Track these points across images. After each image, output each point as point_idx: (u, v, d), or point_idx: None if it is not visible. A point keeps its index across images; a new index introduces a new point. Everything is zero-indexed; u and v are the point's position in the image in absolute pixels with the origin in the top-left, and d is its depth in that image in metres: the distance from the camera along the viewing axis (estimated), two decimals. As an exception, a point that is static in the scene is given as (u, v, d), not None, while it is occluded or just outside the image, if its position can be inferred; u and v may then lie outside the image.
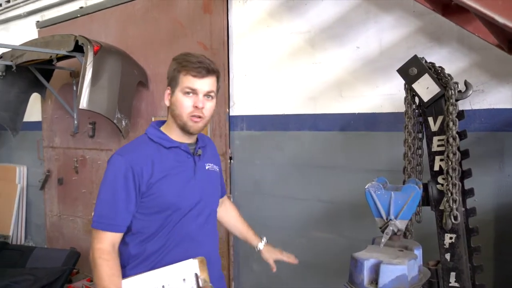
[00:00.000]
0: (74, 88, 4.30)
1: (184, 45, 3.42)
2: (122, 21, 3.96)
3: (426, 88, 1.80)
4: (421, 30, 2.38)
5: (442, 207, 1.77)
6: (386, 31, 2.51)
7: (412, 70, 1.83)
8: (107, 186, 1.57)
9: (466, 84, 1.81)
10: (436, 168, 1.81)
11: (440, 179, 1.80)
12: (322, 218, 2.82)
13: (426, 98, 1.81)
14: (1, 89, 4.20)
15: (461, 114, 1.77)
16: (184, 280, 1.46)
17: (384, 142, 2.53)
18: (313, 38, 2.81)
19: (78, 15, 4.31)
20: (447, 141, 1.73)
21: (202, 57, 1.60)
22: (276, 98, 3.01)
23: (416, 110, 1.90)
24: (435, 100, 1.78)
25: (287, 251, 2.97)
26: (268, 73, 3.04)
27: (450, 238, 1.78)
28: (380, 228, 1.57)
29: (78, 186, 4.43)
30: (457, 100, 1.76)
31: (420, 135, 1.94)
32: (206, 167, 1.73)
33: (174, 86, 1.61)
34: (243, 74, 3.18)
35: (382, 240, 1.52)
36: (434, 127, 1.81)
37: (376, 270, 1.40)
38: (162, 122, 1.73)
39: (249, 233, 2.04)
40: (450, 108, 1.72)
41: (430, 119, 1.81)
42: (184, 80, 1.57)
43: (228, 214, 2.07)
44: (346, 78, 2.68)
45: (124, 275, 1.53)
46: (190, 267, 1.48)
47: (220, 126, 3.29)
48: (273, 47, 3.00)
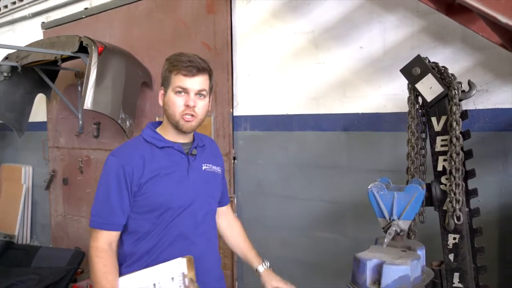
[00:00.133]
0: (79, 88, 4.33)
1: (188, 45, 3.43)
2: (127, 21, 3.97)
3: (430, 88, 1.79)
4: (424, 29, 2.38)
5: (445, 208, 1.77)
6: (390, 31, 2.50)
7: (415, 70, 1.82)
8: (101, 186, 1.60)
9: (470, 83, 1.80)
10: (439, 168, 1.80)
11: (443, 179, 1.79)
12: (325, 218, 2.81)
13: (429, 98, 1.80)
14: (6, 90, 4.24)
15: (464, 114, 1.76)
16: (172, 279, 1.46)
17: (387, 142, 2.53)
18: (316, 38, 2.81)
19: (83, 16, 4.33)
20: (451, 141, 1.72)
21: (193, 56, 1.60)
22: (279, 98, 3.01)
23: (419, 110, 1.90)
24: (439, 100, 1.78)
25: (290, 251, 3.01)
26: (271, 73, 3.04)
27: (454, 239, 1.77)
28: (383, 228, 1.56)
29: (82, 186, 4.46)
30: (460, 100, 1.75)
31: (423, 135, 1.93)
32: (203, 167, 1.70)
33: (166, 86, 1.62)
34: (247, 74, 3.18)
35: (385, 240, 1.52)
36: (437, 127, 1.80)
37: (378, 271, 1.39)
38: (159, 123, 1.74)
39: (251, 252, 1.91)
40: (454, 108, 1.71)
41: (434, 119, 1.81)
42: (175, 79, 1.58)
43: (231, 230, 1.96)
44: (350, 78, 2.68)
45: (120, 273, 1.56)
46: (178, 266, 1.47)
47: (223, 126, 3.30)
48: (276, 47, 3.00)
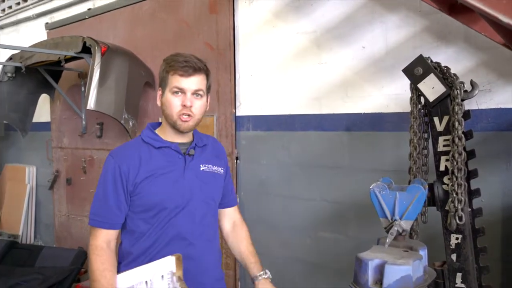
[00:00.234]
0: (82, 89, 4.33)
1: (190, 45, 3.44)
2: (130, 22, 3.99)
3: (432, 88, 1.79)
4: (427, 29, 2.37)
5: (447, 208, 1.76)
6: (392, 31, 2.50)
7: (417, 70, 1.82)
8: (100, 185, 1.64)
9: (472, 83, 1.80)
10: (441, 168, 1.80)
11: (445, 179, 1.79)
12: (327, 218, 2.81)
13: (431, 98, 1.80)
14: (10, 90, 4.26)
15: (467, 114, 1.76)
16: (162, 277, 1.47)
17: (390, 142, 2.52)
18: (318, 38, 2.81)
19: (87, 17, 4.34)
20: (453, 141, 1.72)
21: (190, 56, 1.61)
22: (282, 98, 3.02)
23: (421, 110, 1.90)
24: (441, 100, 1.77)
25: (292, 251, 3.01)
26: (274, 73, 3.05)
27: (456, 239, 1.77)
28: (385, 228, 1.56)
29: (86, 186, 4.47)
30: (463, 100, 1.75)
31: (425, 135, 1.93)
32: (201, 168, 1.68)
33: (164, 86, 1.63)
34: (249, 74, 3.18)
35: (387, 240, 1.52)
36: (439, 127, 1.80)
37: (380, 271, 1.39)
38: (159, 124, 1.75)
39: (250, 259, 1.78)
40: (456, 108, 1.71)
41: (436, 119, 1.81)
42: (172, 79, 1.59)
43: (234, 234, 1.87)
44: (352, 78, 2.68)
45: (119, 271, 1.58)
46: (168, 264, 1.48)
47: (226, 126, 3.30)
48: (279, 48, 3.01)
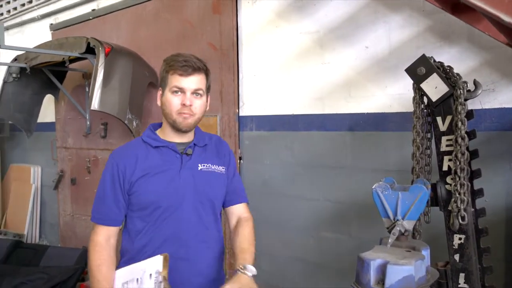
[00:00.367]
0: (87, 89, 4.35)
1: (194, 45, 3.45)
2: (134, 22, 4.00)
3: (435, 87, 1.79)
4: (430, 29, 2.36)
5: (450, 208, 1.76)
6: (395, 31, 2.49)
7: (420, 69, 1.82)
8: (100, 183, 1.67)
9: (475, 83, 1.79)
10: (444, 168, 1.80)
11: (448, 179, 1.79)
12: (330, 218, 2.81)
13: (434, 98, 1.80)
14: (16, 91, 4.29)
15: (470, 114, 1.76)
16: (150, 275, 1.48)
17: (393, 142, 2.52)
18: (321, 38, 2.81)
19: (91, 17, 4.36)
20: (456, 141, 1.72)
21: (189, 56, 1.62)
22: (285, 98, 3.02)
23: (424, 110, 1.89)
24: (444, 99, 1.77)
25: (295, 251, 3.01)
26: (277, 73, 3.05)
27: (459, 239, 1.77)
28: (387, 228, 1.56)
29: (90, 186, 4.48)
30: (466, 99, 1.74)
31: (428, 135, 1.93)
32: (199, 167, 1.66)
33: (164, 86, 1.64)
34: (253, 74, 3.19)
35: (389, 240, 1.52)
36: (442, 127, 1.80)
37: (382, 271, 1.40)
38: (160, 124, 1.76)
39: (239, 254, 1.59)
40: (459, 107, 1.71)
41: (439, 119, 1.80)
42: (171, 79, 1.60)
43: (235, 230, 1.73)
44: (355, 78, 2.67)
45: (118, 268, 1.58)
46: (156, 263, 1.49)
47: (229, 126, 3.31)
48: (282, 48, 3.01)
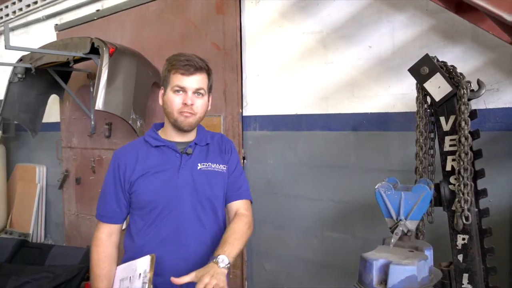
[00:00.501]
0: (91, 89, 4.37)
1: (197, 45, 3.46)
2: (138, 23, 4.01)
3: (438, 87, 1.78)
4: (434, 28, 2.36)
5: (454, 208, 1.75)
6: (399, 30, 2.49)
7: (423, 69, 1.81)
8: (103, 182, 1.71)
9: (479, 83, 1.78)
10: (448, 168, 1.79)
11: (452, 179, 1.78)
12: (333, 218, 2.81)
13: (437, 98, 1.79)
14: (21, 91, 4.33)
15: (473, 114, 1.75)
16: (139, 275, 1.50)
17: (396, 142, 2.51)
18: (325, 38, 2.80)
19: (95, 18, 4.39)
20: (459, 140, 1.71)
21: (192, 56, 1.63)
22: (288, 98, 3.01)
23: (428, 110, 1.89)
24: (447, 99, 1.76)
25: (298, 251, 3.01)
26: (280, 73, 3.05)
27: (463, 239, 1.76)
28: (390, 228, 1.56)
29: (95, 185, 4.50)
30: (469, 99, 1.73)
31: (432, 135, 1.92)
32: (198, 167, 1.66)
33: (165, 85, 1.65)
34: (256, 74, 3.19)
35: (392, 240, 1.52)
36: (446, 127, 1.79)
37: (385, 271, 1.39)
38: (163, 124, 1.77)
39: (221, 244, 1.53)
40: (462, 107, 1.70)
41: (442, 119, 1.80)
42: (173, 78, 1.61)
43: (230, 223, 1.69)
44: (358, 77, 2.67)
45: (119, 264, 1.67)
46: (145, 264, 1.51)
47: (233, 126, 3.31)
48: (285, 47, 3.01)
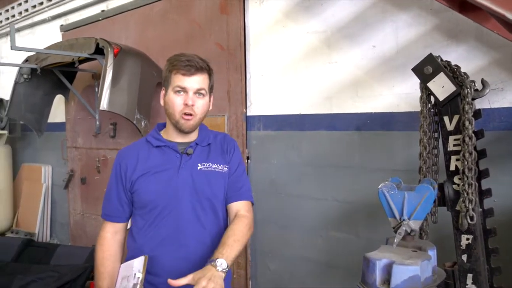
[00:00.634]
0: (96, 89, 4.38)
1: (201, 45, 3.46)
2: (142, 23, 4.03)
3: (442, 87, 1.78)
4: (438, 28, 2.35)
5: (458, 208, 1.75)
6: (403, 30, 2.48)
7: (427, 68, 1.81)
8: (108, 181, 1.73)
9: (483, 82, 1.78)
10: (452, 168, 1.79)
11: (456, 179, 1.77)
12: (337, 217, 2.80)
13: (441, 97, 1.79)
14: (27, 91, 4.36)
15: (477, 113, 1.74)
16: (134, 275, 1.53)
17: (400, 142, 2.51)
18: (329, 37, 2.80)
19: (100, 18, 4.40)
20: (463, 140, 1.70)
21: (192, 56, 1.63)
22: (292, 98, 3.01)
23: (431, 109, 1.88)
24: (451, 99, 1.76)
25: (303, 251, 3.01)
26: (284, 73, 3.05)
27: (467, 239, 1.75)
28: (393, 228, 1.56)
29: (100, 185, 4.52)
30: (473, 98, 1.73)
31: (435, 135, 1.92)
32: (198, 167, 1.65)
33: (167, 86, 1.65)
34: (260, 74, 3.19)
35: (395, 240, 1.52)
36: (449, 127, 1.78)
37: (388, 271, 1.39)
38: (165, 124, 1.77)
39: (219, 247, 1.49)
40: (466, 107, 1.69)
41: (446, 118, 1.79)
42: (174, 79, 1.61)
43: (228, 226, 1.66)
44: (362, 77, 2.66)
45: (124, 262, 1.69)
46: (139, 264, 1.54)
47: (237, 126, 3.32)
48: (289, 47, 3.01)
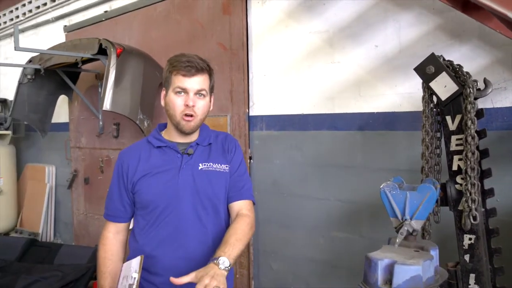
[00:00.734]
0: (99, 90, 4.40)
1: (204, 46, 3.47)
2: (145, 23, 4.04)
3: (444, 86, 1.77)
4: (441, 27, 2.34)
5: (461, 207, 1.75)
6: (405, 29, 2.47)
7: (429, 68, 1.81)
8: (110, 181, 1.74)
9: (486, 82, 1.77)
10: (454, 167, 1.78)
11: (458, 179, 1.77)
12: (340, 217, 2.80)
13: (443, 97, 1.78)
14: (30, 92, 4.39)
15: (480, 113, 1.74)
16: (131, 275, 1.56)
17: (403, 142, 2.50)
18: (331, 37, 2.80)
19: (103, 19, 4.42)
20: (466, 140, 1.70)
21: (193, 56, 1.62)
22: (295, 98, 3.01)
23: (434, 109, 1.88)
24: (453, 98, 1.76)
25: (305, 250, 3.00)
26: (287, 73, 3.05)
27: (470, 239, 1.75)
28: (395, 228, 1.55)
29: (103, 185, 4.53)
30: (476, 98, 1.72)
31: (438, 134, 1.91)
32: (199, 167, 1.66)
33: (167, 86, 1.65)
34: (262, 74, 3.19)
35: (397, 240, 1.51)
36: (452, 126, 1.78)
37: (390, 270, 1.39)
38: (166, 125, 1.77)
39: (221, 245, 1.49)
40: (468, 106, 1.69)
41: (448, 118, 1.79)
42: (175, 80, 1.61)
43: (230, 225, 1.66)
44: (365, 77, 2.66)
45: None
46: (136, 264, 1.56)
47: (240, 126, 3.32)
48: (291, 47, 3.01)
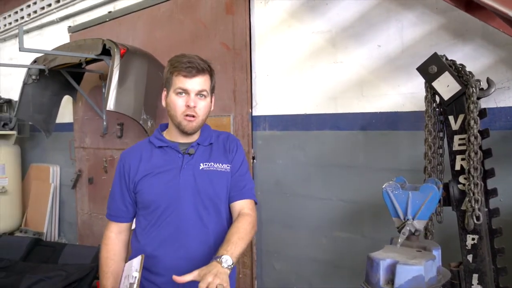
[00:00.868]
0: (103, 90, 4.42)
1: (207, 45, 3.48)
2: (149, 24, 4.05)
3: (447, 86, 1.77)
4: (444, 27, 2.33)
5: (463, 207, 1.74)
6: (408, 29, 2.47)
7: (432, 68, 1.80)
8: (112, 181, 1.75)
9: (488, 81, 1.77)
10: (457, 167, 1.78)
11: (461, 179, 1.77)
12: (343, 217, 2.80)
13: (446, 97, 1.78)
14: (35, 92, 4.41)
15: (483, 113, 1.73)
16: (132, 274, 1.57)
17: (406, 141, 2.49)
18: (334, 37, 2.80)
19: (107, 20, 4.44)
20: (469, 140, 1.70)
21: (194, 57, 1.63)
22: (297, 97, 3.01)
23: (436, 109, 1.88)
24: (456, 98, 1.76)
25: (308, 250, 3.01)
26: (289, 73, 3.05)
27: (473, 239, 1.74)
28: (397, 228, 1.55)
29: (107, 185, 4.53)
30: (478, 98, 1.72)
31: (441, 134, 1.91)
32: (200, 167, 1.66)
33: (168, 87, 1.65)
34: (265, 74, 3.19)
35: (399, 240, 1.51)
36: (455, 126, 1.78)
37: (392, 270, 1.39)
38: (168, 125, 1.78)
39: (223, 244, 1.50)
40: (471, 106, 1.69)
41: (451, 118, 1.79)
42: (176, 80, 1.61)
43: (231, 224, 1.65)
44: (367, 77, 2.65)
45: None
46: (136, 264, 1.57)
47: (243, 126, 3.32)
48: (294, 47, 3.01)
